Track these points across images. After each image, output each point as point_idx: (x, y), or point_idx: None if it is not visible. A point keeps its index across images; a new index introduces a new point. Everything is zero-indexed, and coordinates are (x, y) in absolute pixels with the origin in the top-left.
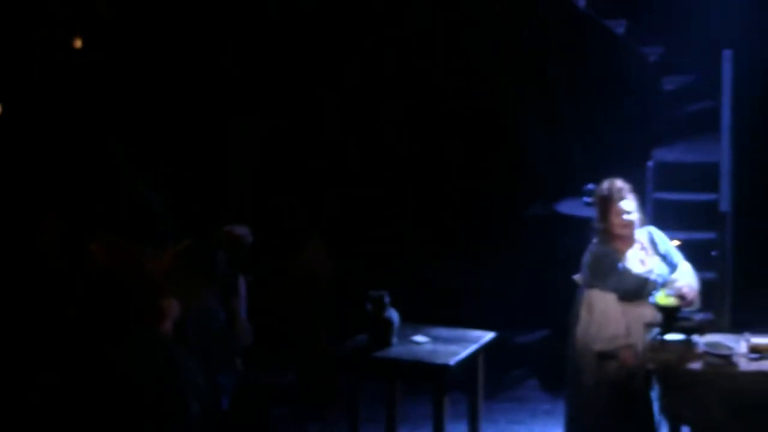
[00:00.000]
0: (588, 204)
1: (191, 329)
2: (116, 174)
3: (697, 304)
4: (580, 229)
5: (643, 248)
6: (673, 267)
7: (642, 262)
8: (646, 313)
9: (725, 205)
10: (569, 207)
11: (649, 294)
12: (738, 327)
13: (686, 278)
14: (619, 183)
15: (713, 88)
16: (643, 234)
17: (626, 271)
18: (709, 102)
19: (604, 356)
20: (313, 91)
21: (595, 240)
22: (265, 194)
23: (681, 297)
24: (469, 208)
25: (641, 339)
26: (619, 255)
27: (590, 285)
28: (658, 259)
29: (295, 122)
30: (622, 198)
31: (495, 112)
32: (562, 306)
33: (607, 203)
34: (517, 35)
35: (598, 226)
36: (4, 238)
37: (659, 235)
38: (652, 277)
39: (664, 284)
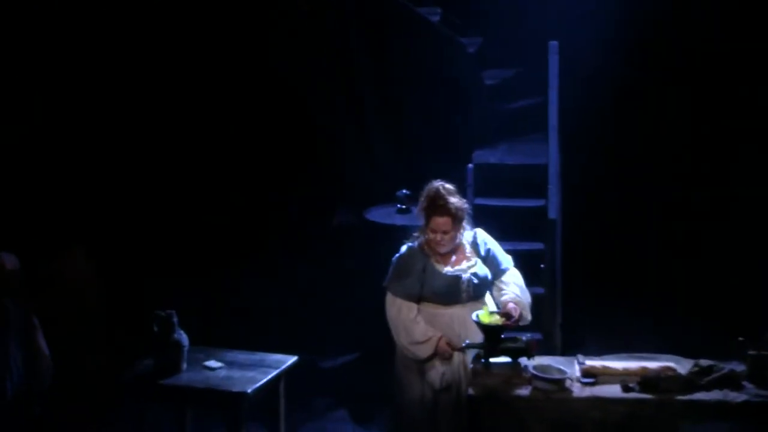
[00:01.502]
0: (401, 211)
1: None
2: None
3: (525, 321)
4: (392, 238)
5: (463, 251)
6: (500, 272)
7: (455, 261)
8: (460, 314)
9: (553, 212)
10: (380, 214)
11: (466, 295)
12: (570, 348)
13: (513, 288)
14: (444, 192)
15: (539, 82)
16: (468, 236)
17: (434, 271)
18: (534, 98)
19: (422, 361)
20: (86, 87)
21: (410, 240)
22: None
23: (506, 315)
24: (267, 216)
25: (460, 340)
26: (430, 257)
27: (394, 288)
28: (478, 261)
29: (64, 121)
30: (443, 213)
31: (293, 110)
32: (374, 325)
33: (425, 213)
34: (319, 28)
35: (420, 230)
36: None
37: (484, 237)
38: (465, 276)
39: (483, 285)
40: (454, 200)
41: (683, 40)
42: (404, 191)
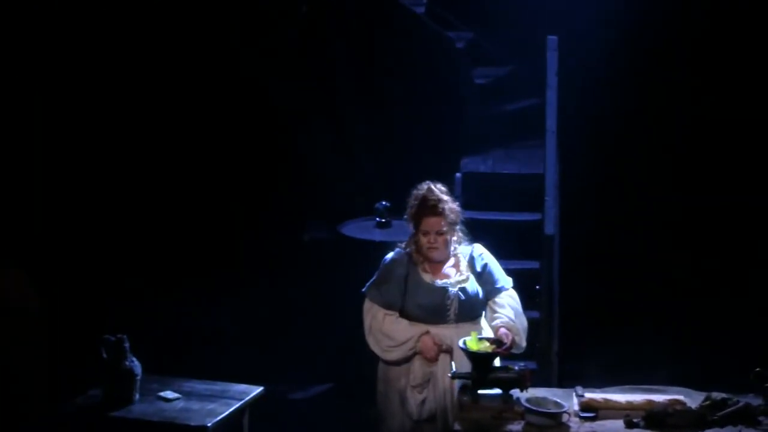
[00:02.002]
0: (381, 225)
1: None
2: None
3: (519, 349)
4: (370, 255)
5: (457, 265)
6: (495, 291)
7: (445, 274)
8: (446, 336)
9: (551, 227)
10: (357, 229)
11: (453, 314)
12: (568, 379)
13: (507, 311)
14: (437, 190)
15: (535, 82)
16: (465, 250)
17: (418, 280)
18: (530, 99)
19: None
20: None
21: (399, 247)
22: None
23: (497, 341)
24: (229, 231)
25: (445, 368)
26: (417, 266)
27: (372, 294)
28: (471, 276)
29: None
30: (435, 212)
31: (259, 108)
32: (350, 352)
33: (416, 215)
34: (292, 19)
35: (409, 238)
36: None
37: (482, 252)
38: (452, 289)
39: (472, 304)
40: (447, 199)
41: (693, 36)
42: (384, 203)
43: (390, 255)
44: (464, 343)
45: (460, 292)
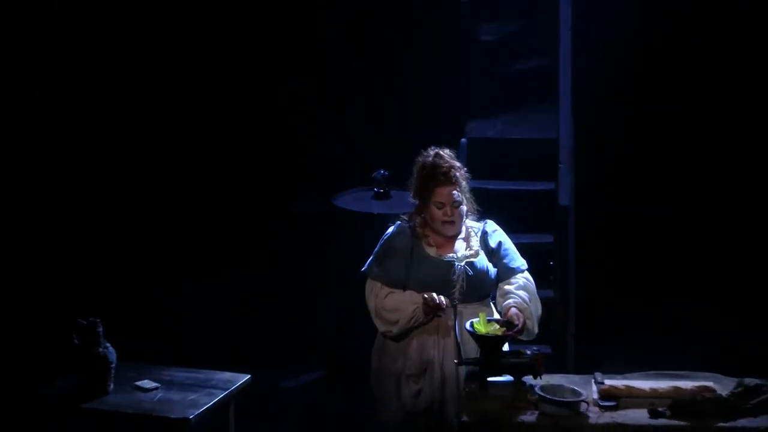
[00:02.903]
0: (379, 195)
1: None
2: None
3: (531, 335)
4: (367, 229)
5: (465, 239)
6: (508, 271)
7: (451, 248)
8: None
9: (565, 197)
10: (352, 200)
11: (459, 292)
12: (586, 364)
13: (521, 293)
14: (444, 153)
15: (548, 39)
16: (476, 225)
17: (422, 255)
18: (542, 58)
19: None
20: None
21: (400, 220)
22: None
23: (508, 323)
24: (211, 206)
25: (445, 356)
26: (421, 240)
27: (374, 272)
28: (481, 252)
29: None
30: (449, 181)
31: (236, 64)
32: (344, 336)
33: (426, 184)
34: None
35: (413, 211)
36: None
37: (495, 230)
38: (459, 264)
39: (480, 282)
40: (459, 165)
41: None
42: (382, 171)
43: (390, 229)
44: (471, 325)
45: (467, 267)
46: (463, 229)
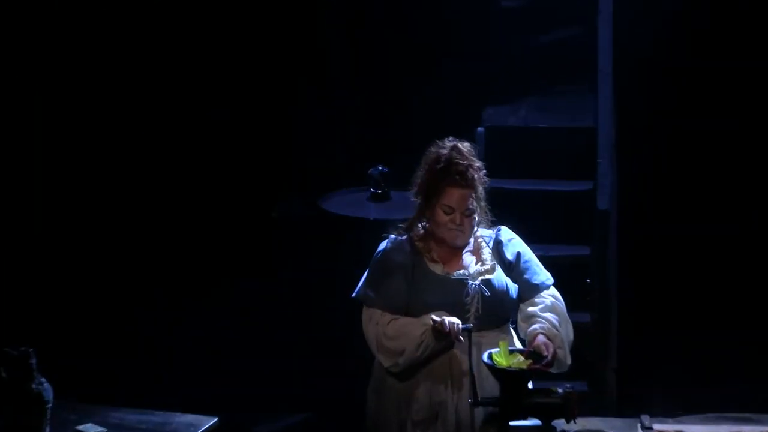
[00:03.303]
0: (377, 197)
1: None
2: None
3: (563, 367)
4: (362, 238)
5: (475, 251)
6: (531, 288)
7: (460, 264)
8: (465, 349)
9: (605, 200)
10: (344, 203)
11: (474, 317)
12: (629, 404)
13: (548, 315)
14: (466, 151)
15: (583, 3)
16: (486, 233)
17: (426, 273)
18: (576, 27)
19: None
20: None
21: (393, 234)
22: None
23: (534, 354)
24: (175, 208)
25: (461, 397)
26: (423, 255)
27: (369, 298)
28: (497, 267)
29: None
30: (464, 182)
31: (211, 40)
32: (332, 371)
33: (436, 181)
34: None
35: (411, 217)
36: None
37: (511, 238)
38: (473, 282)
39: (499, 304)
40: (478, 165)
41: None
42: (380, 167)
43: (383, 244)
44: (490, 356)
45: (483, 287)
46: (472, 240)
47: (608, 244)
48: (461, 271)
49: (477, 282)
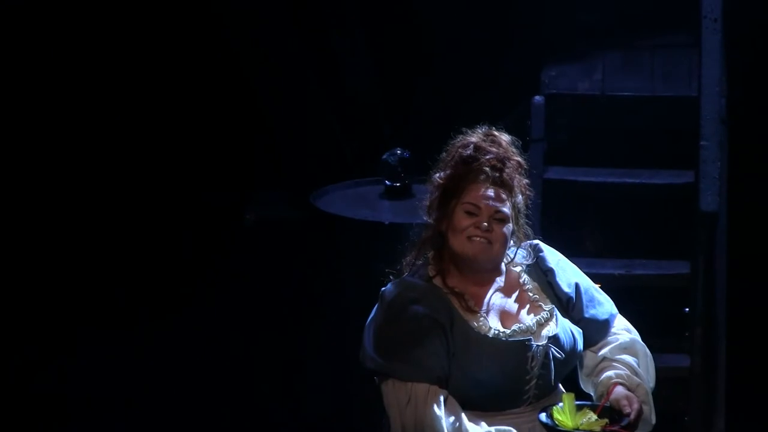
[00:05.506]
0: (392, 192)
1: None
2: None
3: (648, 424)
4: (374, 249)
5: (516, 286)
6: (601, 327)
7: (511, 313)
8: (526, 425)
9: (711, 199)
10: (347, 201)
11: (535, 386)
12: None
13: (624, 357)
14: (504, 140)
15: None
16: (520, 256)
17: (467, 331)
18: None
19: None
20: None
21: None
22: None
23: (611, 411)
24: (129, 211)
25: None
26: (449, 300)
27: (383, 371)
28: (555, 310)
29: None
30: (499, 178)
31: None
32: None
33: (458, 175)
34: None
35: (420, 239)
36: None
37: (556, 258)
38: (538, 344)
39: (569, 362)
40: (519, 161)
41: None
42: (399, 151)
43: (394, 288)
44: (550, 416)
45: (553, 348)
46: (503, 266)
47: (715, 258)
48: (516, 326)
49: (543, 343)
